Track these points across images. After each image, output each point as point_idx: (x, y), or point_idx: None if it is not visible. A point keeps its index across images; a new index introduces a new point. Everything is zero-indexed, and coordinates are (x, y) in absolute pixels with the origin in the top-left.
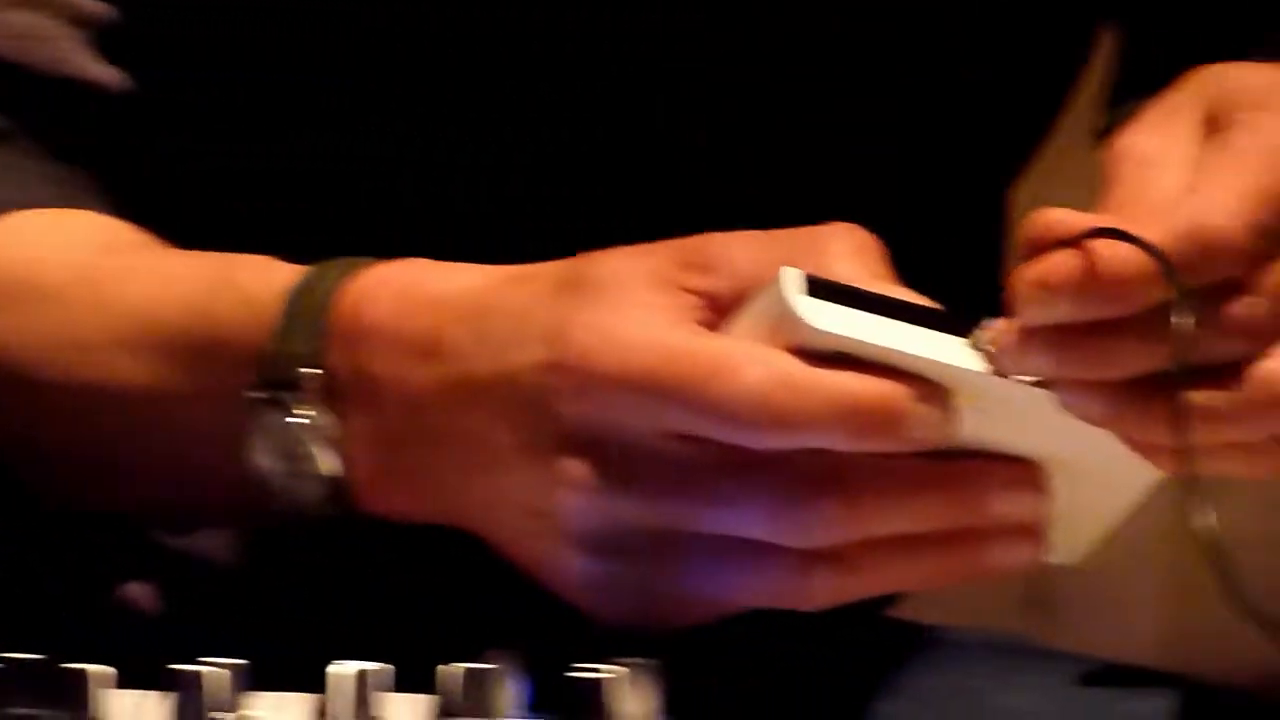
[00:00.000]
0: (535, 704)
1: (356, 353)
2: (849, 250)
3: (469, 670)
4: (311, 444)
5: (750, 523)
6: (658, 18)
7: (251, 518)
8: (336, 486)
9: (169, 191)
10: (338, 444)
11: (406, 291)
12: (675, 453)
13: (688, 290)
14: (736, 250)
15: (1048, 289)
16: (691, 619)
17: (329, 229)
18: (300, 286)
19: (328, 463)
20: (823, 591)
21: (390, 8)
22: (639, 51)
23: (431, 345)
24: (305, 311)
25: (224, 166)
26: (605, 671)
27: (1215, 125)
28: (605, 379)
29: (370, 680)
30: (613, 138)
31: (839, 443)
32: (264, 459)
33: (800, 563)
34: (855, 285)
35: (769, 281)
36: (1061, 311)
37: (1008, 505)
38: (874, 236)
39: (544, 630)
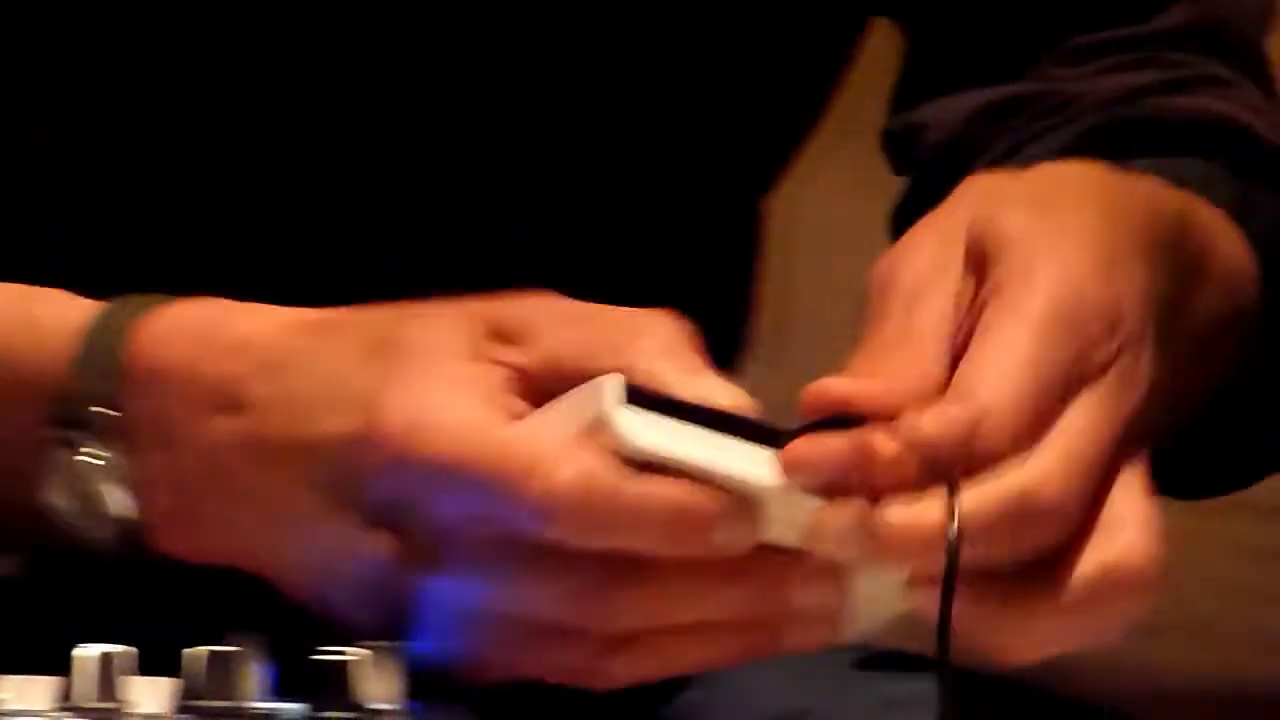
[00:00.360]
0: (280, 687)
1: (151, 395)
2: (660, 348)
3: (213, 653)
4: (102, 484)
5: (552, 607)
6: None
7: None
8: (128, 527)
9: (169, 195)
10: (130, 485)
11: (205, 334)
12: (481, 537)
13: (498, 362)
14: (548, 325)
15: (816, 471)
16: (485, 677)
17: (326, 229)
18: (96, 324)
19: (119, 503)
20: (619, 674)
21: (361, 9)
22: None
23: (231, 397)
24: (100, 350)
25: (224, 168)
26: (349, 654)
27: (983, 259)
28: (415, 462)
29: (114, 663)
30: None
31: (646, 547)
32: (56, 498)
33: (599, 647)
34: (673, 395)
35: (588, 384)
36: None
37: (807, 597)
38: (688, 326)
39: (288, 613)
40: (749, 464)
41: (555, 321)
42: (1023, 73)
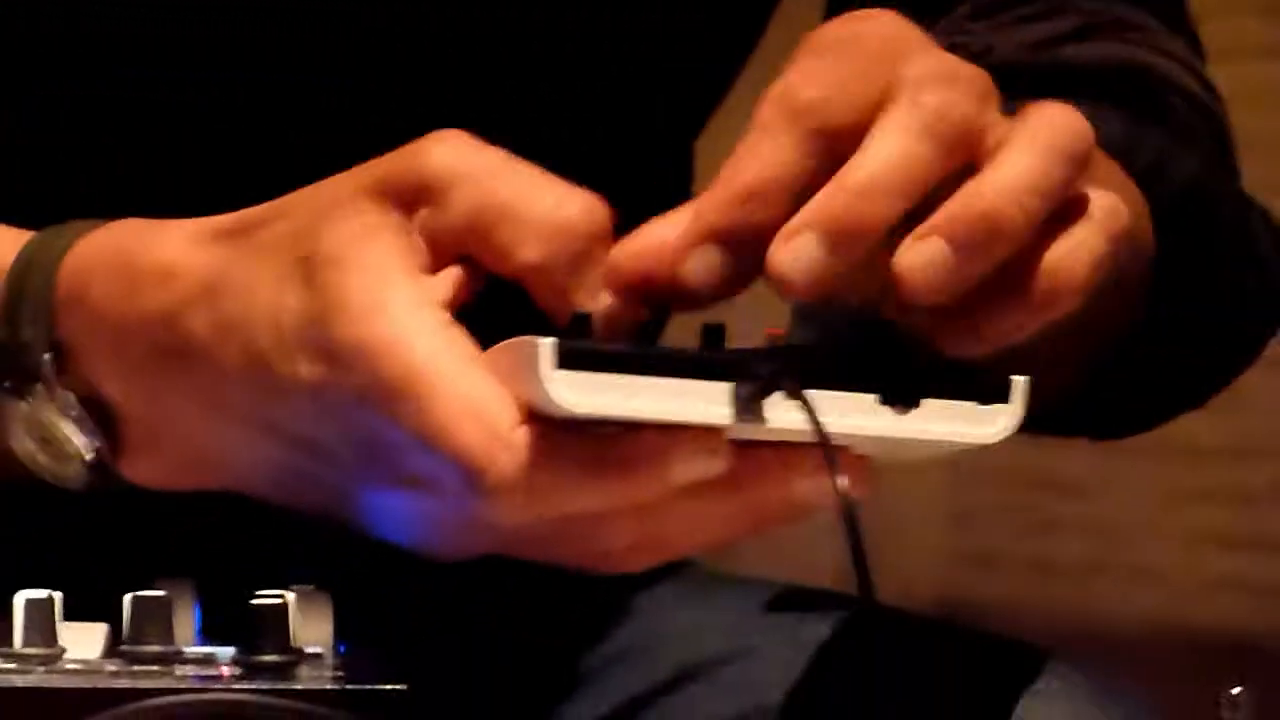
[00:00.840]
0: (209, 630)
1: (87, 333)
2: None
3: (141, 598)
4: (61, 426)
5: (534, 533)
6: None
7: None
8: (94, 464)
9: (168, 194)
10: (87, 422)
11: (128, 265)
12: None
13: (416, 233)
14: (465, 186)
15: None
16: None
17: None
18: (20, 266)
19: (80, 442)
20: (616, 568)
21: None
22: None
23: (171, 336)
24: (31, 295)
25: (220, 167)
26: (279, 597)
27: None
28: (374, 410)
29: (44, 608)
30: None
31: (602, 508)
32: (21, 444)
33: (591, 558)
34: (611, 347)
35: (520, 342)
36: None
37: (807, 485)
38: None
39: (217, 557)
40: (700, 403)
41: (480, 175)
42: (936, 24)
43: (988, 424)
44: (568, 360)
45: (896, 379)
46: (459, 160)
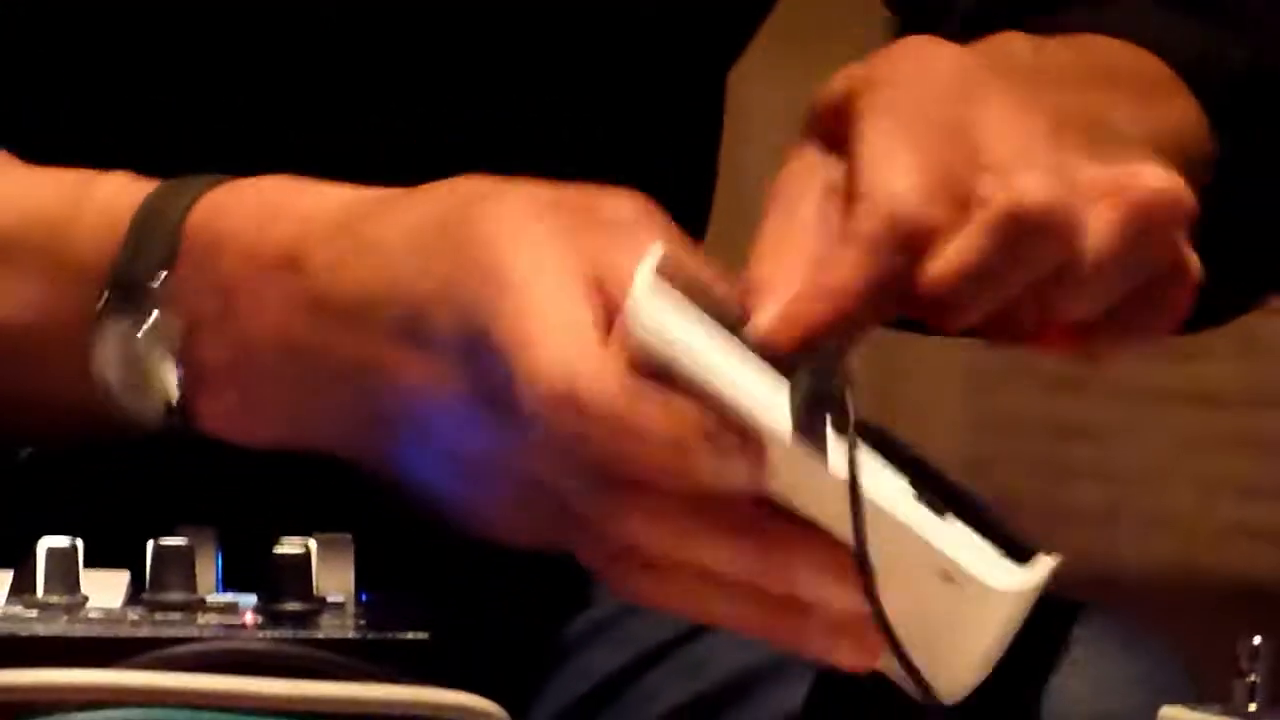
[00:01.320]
0: (231, 579)
1: (210, 261)
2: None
3: (164, 546)
4: (155, 357)
5: (555, 484)
6: None
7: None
8: (177, 403)
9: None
10: (183, 358)
11: (267, 205)
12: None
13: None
14: (641, 238)
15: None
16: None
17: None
18: (156, 198)
19: (170, 377)
20: (635, 588)
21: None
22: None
23: (293, 256)
24: (159, 221)
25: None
26: (301, 546)
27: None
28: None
29: (66, 556)
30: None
31: (634, 466)
32: (107, 370)
33: (610, 548)
34: (709, 285)
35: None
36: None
37: (813, 585)
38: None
39: (239, 505)
40: (768, 395)
41: (656, 235)
42: None
43: (1002, 574)
44: (663, 284)
45: (936, 480)
46: (641, 212)
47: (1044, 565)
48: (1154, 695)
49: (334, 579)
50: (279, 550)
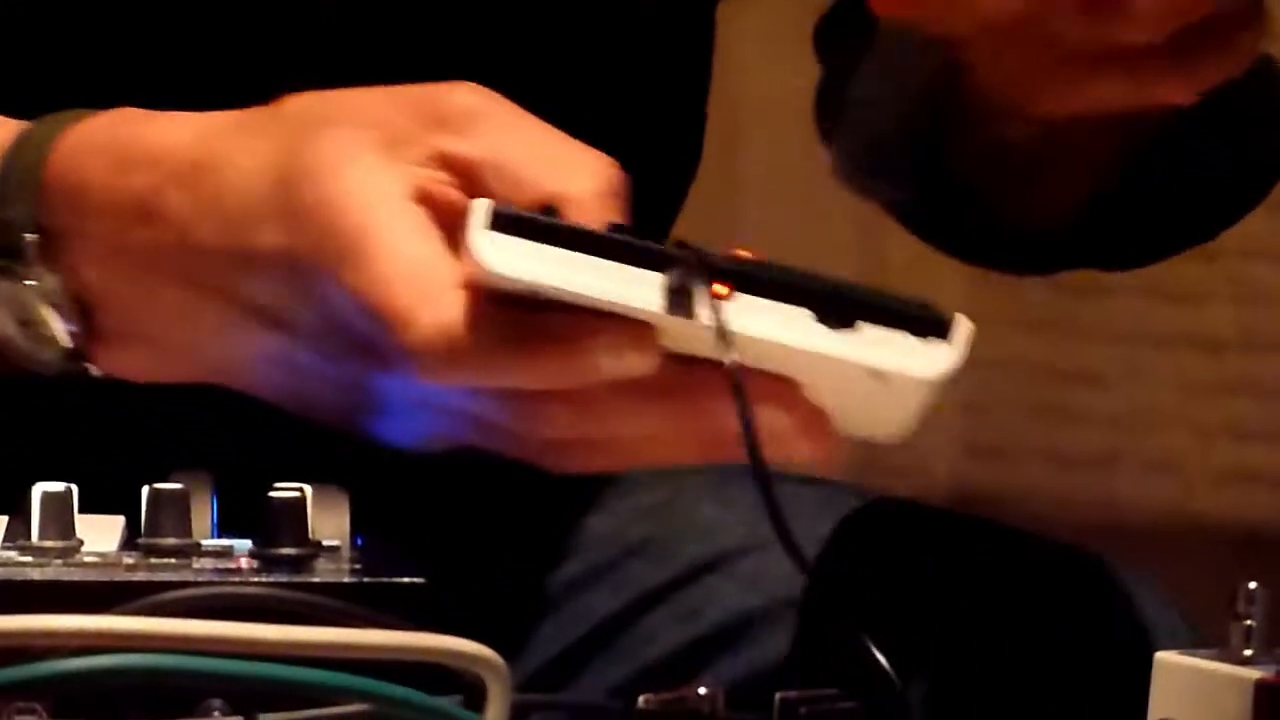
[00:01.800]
0: (226, 523)
1: (74, 213)
2: (594, 190)
3: (159, 490)
4: (41, 307)
5: (481, 410)
6: None
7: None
8: (70, 349)
9: None
10: (66, 306)
11: (120, 148)
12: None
13: (433, 156)
14: (495, 122)
15: None
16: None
17: None
18: (14, 147)
19: (58, 325)
20: (573, 465)
21: None
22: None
23: (149, 207)
24: (20, 174)
25: None
26: (296, 490)
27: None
28: (325, 271)
29: (61, 500)
30: None
31: (529, 385)
32: (5, 324)
33: (542, 445)
34: (545, 217)
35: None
36: None
37: (729, 412)
38: (622, 179)
39: (234, 449)
40: (629, 287)
41: (503, 120)
42: None
43: (926, 360)
44: (501, 223)
45: (834, 298)
46: (484, 101)
47: (962, 333)
48: (1151, 639)
49: (329, 524)
50: (274, 495)
